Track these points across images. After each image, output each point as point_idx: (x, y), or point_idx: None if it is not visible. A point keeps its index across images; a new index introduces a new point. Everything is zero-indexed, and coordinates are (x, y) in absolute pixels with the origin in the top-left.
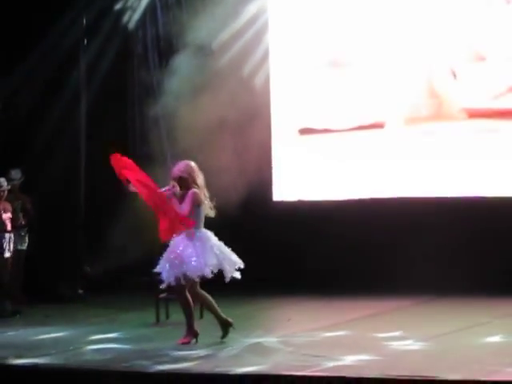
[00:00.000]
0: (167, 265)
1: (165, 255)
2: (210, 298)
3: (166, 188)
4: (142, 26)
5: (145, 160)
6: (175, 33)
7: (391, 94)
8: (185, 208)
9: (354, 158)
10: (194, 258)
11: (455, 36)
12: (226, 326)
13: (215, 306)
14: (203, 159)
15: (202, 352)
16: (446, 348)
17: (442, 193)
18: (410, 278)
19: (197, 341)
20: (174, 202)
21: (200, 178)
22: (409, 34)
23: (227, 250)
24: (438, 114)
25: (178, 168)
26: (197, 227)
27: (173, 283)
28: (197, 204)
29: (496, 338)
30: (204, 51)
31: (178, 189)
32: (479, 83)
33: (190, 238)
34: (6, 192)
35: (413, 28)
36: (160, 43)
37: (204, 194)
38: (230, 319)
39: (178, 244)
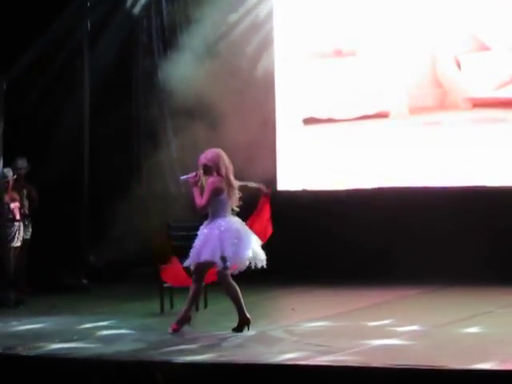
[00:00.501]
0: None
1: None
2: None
3: (189, 176)
4: (146, 15)
5: (150, 149)
6: (180, 22)
7: (396, 83)
8: (204, 197)
9: (358, 148)
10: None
11: (459, 26)
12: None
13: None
14: (207, 149)
15: (206, 342)
16: (448, 338)
17: (447, 182)
18: (414, 267)
19: (248, 328)
20: (195, 190)
21: (225, 167)
22: (413, 23)
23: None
24: (443, 104)
25: (205, 156)
26: (217, 216)
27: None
28: (215, 192)
29: (498, 328)
30: (208, 41)
31: (201, 177)
32: (483, 73)
33: (212, 226)
34: (12, 182)
35: (417, 17)
36: (165, 33)
37: (229, 184)
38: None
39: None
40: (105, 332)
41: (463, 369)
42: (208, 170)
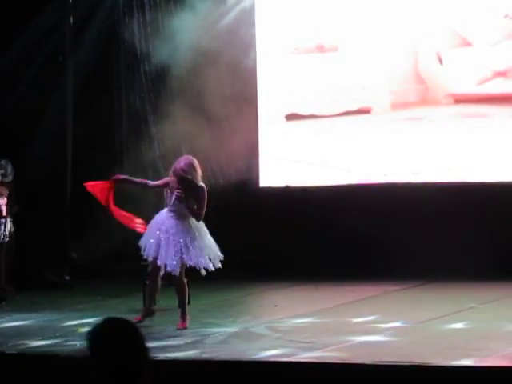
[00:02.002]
0: (173, 253)
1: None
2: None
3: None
4: (129, 11)
5: (132, 146)
6: (162, 18)
7: (378, 79)
8: (202, 209)
9: (340, 144)
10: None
11: (441, 21)
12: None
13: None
14: (190, 145)
15: (188, 339)
16: (431, 333)
17: (429, 178)
18: (398, 263)
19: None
20: (187, 206)
21: (199, 173)
22: (395, 19)
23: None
24: (425, 100)
25: (182, 168)
26: (188, 217)
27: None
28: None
29: (480, 324)
30: (190, 37)
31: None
32: (465, 69)
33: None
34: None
35: (399, 13)
36: (147, 29)
37: None
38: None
39: (181, 231)
40: (87, 329)
41: (446, 365)
42: (185, 181)
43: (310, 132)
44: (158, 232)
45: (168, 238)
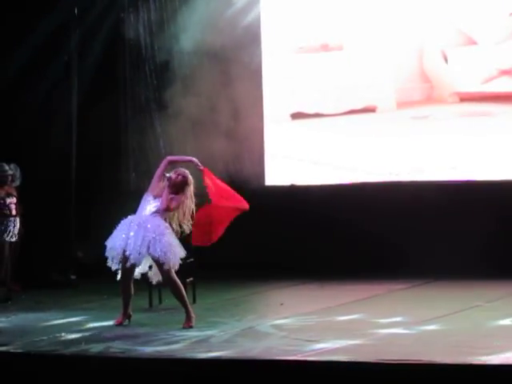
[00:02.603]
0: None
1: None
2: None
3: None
4: (134, 10)
5: (137, 146)
6: (167, 17)
7: (383, 77)
8: (167, 202)
9: (345, 143)
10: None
11: (446, 20)
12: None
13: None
14: (195, 145)
15: (194, 337)
16: (437, 332)
17: (434, 176)
18: (404, 262)
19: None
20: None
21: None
22: (400, 17)
23: None
24: (430, 98)
25: (178, 183)
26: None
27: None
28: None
29: (486, 322)
30: (195, 36)
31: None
32: (470, 67)
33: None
34: (9, 177)
35: (404, 12)
36: (152, 28)
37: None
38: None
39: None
40: (92, 328)
41: (451, 363)
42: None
43: (315, 131)
44: (130, 226)
45: (138, 230)
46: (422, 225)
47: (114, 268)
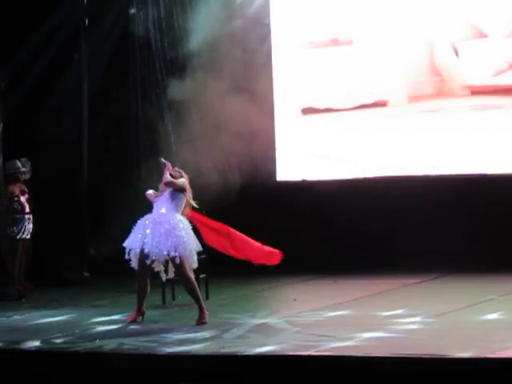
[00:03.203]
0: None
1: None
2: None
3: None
4: (143, 7)
5: (148, 141)
6: (177, 13)
7: (393, 71)
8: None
9: (357, 137)
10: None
11: (456, 13)
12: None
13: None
14: (206, 141)
15: (207, 333)
16: (451, 326)
17: (446, 170)
18: (416, 256)
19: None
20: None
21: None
22: (410, 11)
23: None
24: (441, 92)
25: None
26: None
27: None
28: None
29: (500, 316)
30: (204, 31)
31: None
32: (481, 60)
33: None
34: (23, 174)
35: (414, 5)
36: (162, 25)
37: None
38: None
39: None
40: (105, 325)
41: (465, 357)
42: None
43: (326, 125)
44: (145, 224)
45: (154, 226)
46: (435, 219)
47: (136, 268)
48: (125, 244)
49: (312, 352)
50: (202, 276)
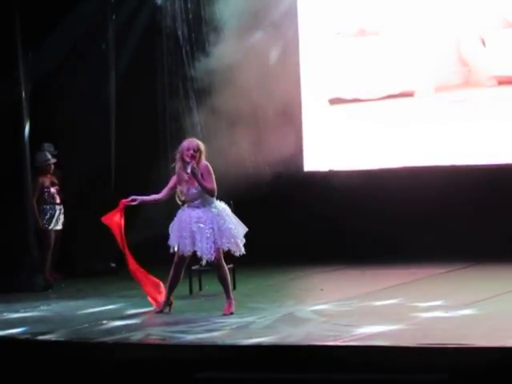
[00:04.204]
0: (207, 241)
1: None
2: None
3: (190, 166)
4: (170, 0)
5: (175, 135)
6: (204, 6)
7: (420, 62)
8: (211, 181)
9: (384, 128)
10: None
11: (484, 3)
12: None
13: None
14: (233, 132)
15: (234, 323)
16: (477, 316)
17: (474, 160)
18: (446, 245)
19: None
20: (199, 178)
21: (204, 153)
22: (437, 1)
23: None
24: (468, 82)
25: (191, 146)
26: (212, 200)
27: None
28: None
29: None
30: (232, 23)
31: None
32: (508, 50)
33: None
34: (52, 166)
35: None
36: (189, 16)
37: None
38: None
39: (211, 218)
40: (133, 315)
41: (491, 347)
42: (196, 157)
43: (353, 116)
44: (189, 226)
45: (199, 227)
46: (461, 209)
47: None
48: (170, 242)
49: (339, 342)
50: (229, 266)
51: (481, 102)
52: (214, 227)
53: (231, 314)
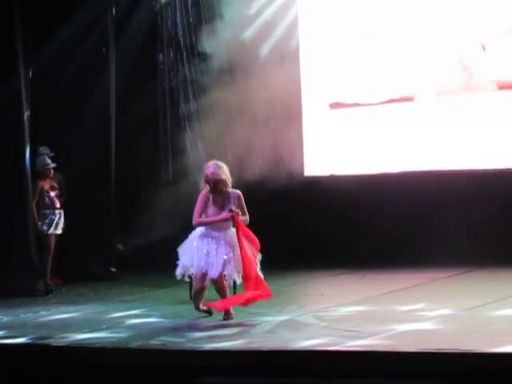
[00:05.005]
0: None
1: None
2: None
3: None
4: (171, 1)
5: (176, 137)
6: (204, 9)
7: (421, 67)
8: (247, 214)
9: (384, 132)
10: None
11: (484, 9)
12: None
13: None
14: (233, 135)
15: (235, 329)
16: (480, 321)
17: (474, 165)
18: (446, 251)
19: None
20: (211, 207)
21: (229, 176)
22: (439, 6)
23: None
24: (468, 87)
25: (213, 172)
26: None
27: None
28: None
29: None
30: (233, 26)
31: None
32: (509, 55)
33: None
34: (51, 170)
35: (443, 0)
36: (190, 18)
37: None
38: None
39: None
40: (133, 320)
41: (493, 352)
42: (222, 182)
43: (354, 120)
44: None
45: (218, 248)
46: (463, 213)
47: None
48: (184, 262)
49: (339, 347)
50: None
51: (481, 107)
52: (233, 254)
53: (231, 319)
